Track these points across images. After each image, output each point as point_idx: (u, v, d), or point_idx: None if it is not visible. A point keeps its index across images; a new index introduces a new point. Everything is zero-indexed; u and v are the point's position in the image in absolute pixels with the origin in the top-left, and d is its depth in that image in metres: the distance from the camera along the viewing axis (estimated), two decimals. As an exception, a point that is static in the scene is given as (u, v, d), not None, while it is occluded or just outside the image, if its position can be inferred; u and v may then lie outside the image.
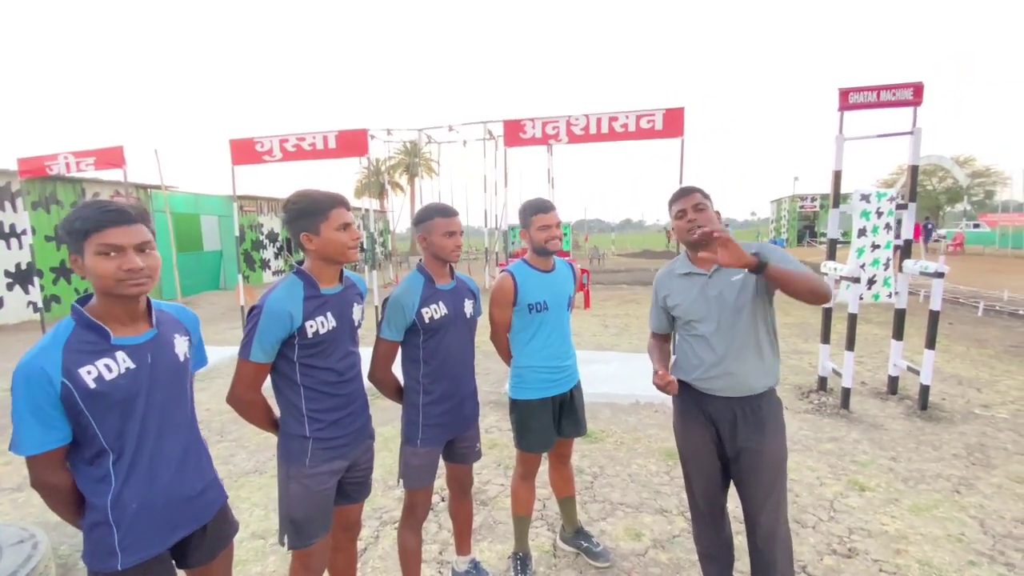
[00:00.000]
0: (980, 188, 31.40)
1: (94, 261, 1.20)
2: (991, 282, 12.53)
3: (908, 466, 3.40)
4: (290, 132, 5.11)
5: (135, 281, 1.23)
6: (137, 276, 1.23)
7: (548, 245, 2.19)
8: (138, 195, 13.04)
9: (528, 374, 2.25)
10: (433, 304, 1.94)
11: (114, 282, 1.21)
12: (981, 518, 2.80)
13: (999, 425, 4.06)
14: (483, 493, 3.15)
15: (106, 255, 1.20)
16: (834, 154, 4.58)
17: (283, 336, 1.56)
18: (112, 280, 1.21)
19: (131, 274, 1.22)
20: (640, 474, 3.37)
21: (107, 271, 1.20)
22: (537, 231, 2.19)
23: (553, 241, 2.19)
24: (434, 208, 1.98)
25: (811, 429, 4.03)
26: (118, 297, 1.25)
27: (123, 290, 1.23)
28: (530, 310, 2.20)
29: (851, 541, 2.61)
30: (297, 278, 1.63)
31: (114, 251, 1.21)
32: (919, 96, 4.36)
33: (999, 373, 5.50)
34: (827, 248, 4.79)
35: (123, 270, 1.21)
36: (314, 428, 1.63)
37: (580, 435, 2.41)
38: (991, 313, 9.09)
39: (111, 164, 5.50)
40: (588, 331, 8.21)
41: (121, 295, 1.24)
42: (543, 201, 2.24)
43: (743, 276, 1.84)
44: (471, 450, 2.17)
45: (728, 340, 1.85)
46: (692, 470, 2.02)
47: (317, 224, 1.59)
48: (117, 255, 1.21)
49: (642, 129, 4.39)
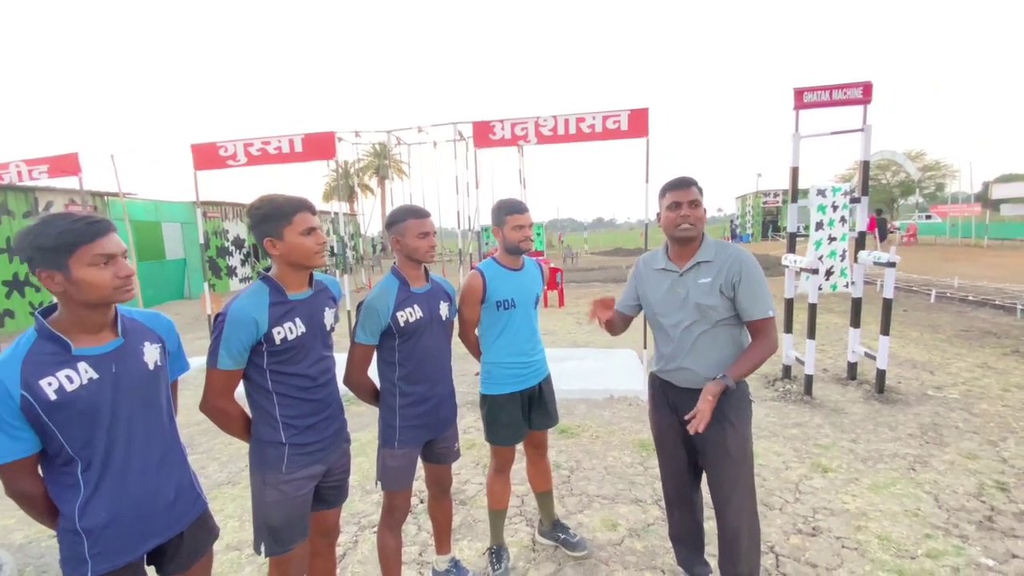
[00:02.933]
0: (931, 181, 32.90)
1: (88, 273, 1.22)
2: (943, 270, 13.19)
3: (867, 447, 3.57)
4: (255, 136, 5.02)
5: (129, 287, 1.29)
6: (130, 282, 1.29)
7: (521, 245, 2.25)
8: (94, 203, 12.54)
9: (496, 370, 2.30)
10: (408, 307, 1.95)
11: (112, 290, 1.25)
12: (935, 493, 2.96)
13: (951, 405, 4.30)
14: (462, 493, 3.17)
15: (101, 265, 1.23)
16: (791, 151, 4.77)
17: (250, 343, 1.55)
18: (110, 289, 1.25)
19: (126, 281, 1.28)
20: (615, 466, 3.44)
21: (104, 280, 1.24)
22: (511, 230, 2.24)
23: (526, 241, 2.25)
24: (407, 210, 2.00)
25: (777, 416, 4.19)
26: (100, 306, 1.27)
27: (120, 297, 1.28)
28: (498, 307, 2.25)
29: (815, 520, 2.73)
30: (263, 284, 1.63)
31: (108, 260, 1.24)
32: (868, 95, 4.57)
33: (951, 356, 5.80)
34: (787, 242, 4.97)
35: (120, 277, 1.26)
36: (290, 434, 1.63)
37: (551, 426, 2.48)
38: (943, 300, 9.57)
39: (65, 172, 5.30)
40: (563, 329, 8.30)
41: (115, 302, 1.28)
42: (518, 202, 2.30)
43: (711, 280, 1.88)
44: (449, 450, 2.19)
45: (687, 337, 1.91)
46: (661, 455, 2.13)
47: (281, 229, 1.58)
48: (111, 264, 1.25)
49: (608, 130, 4.47)
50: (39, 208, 11.40)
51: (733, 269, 1.86)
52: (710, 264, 1.90)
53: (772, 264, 16.01)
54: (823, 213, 4.75)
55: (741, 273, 1.85)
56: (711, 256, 1.91)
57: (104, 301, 1.26)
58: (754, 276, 1.86)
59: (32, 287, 11.10)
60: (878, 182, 33.82)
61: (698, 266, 1.91)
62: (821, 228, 4.78)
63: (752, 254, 1.96)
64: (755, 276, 1.86)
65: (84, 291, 1.22)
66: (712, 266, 1.89)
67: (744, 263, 1.87)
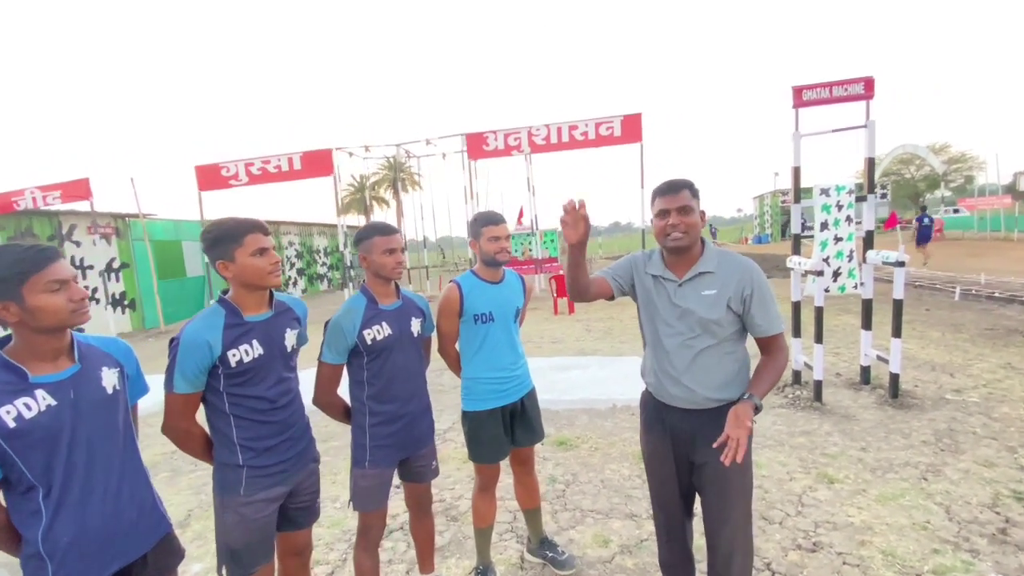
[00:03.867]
0: (958, 174, 31.90)
1: (43, 299, 1.24)
2: (969, 266, 12.71)
3: (877, 456, 3.42)
4: (255, 156, 5.11)
5: (84, 309, 1.32)
6: (85, 305, 1.32)
7: (497, 256, 2.23)
8: (116, 224, 12.94)
9: (475, 385, 2.27)
10: (376, 325, 1.93)
11: (68, 314, 1.28)
12: (947, 504, 2.82)
13: (969, 409, 4.11)
14: (453, 508, 3.14)
15: (55, 291, 1.26)
16: (792, 151, 4.66)
17: (205, 366, 1.56)
18: (66, 312, 1.28)
19: (81, 304, 1.30)
20: (613, 479, 3.37)
21: (59, 305, 1.26)
22: (487, 242, 2.22)
23: (502, 253, 2.23)
24: (373, 227, 1.99)
25: (784, 423, 4.05)
26: (56, 332, 1.29)
27: (77, 320, 1.30)
28: (476, 320, 2.22)
29: (816, 535, 2.62)
30: (219, 307, 1.64)
31: (61, 285, 1.26)
32: (871, 90, 4.45)
33: (972, 357, 5.56)
34: (791, 243, 4.85)
35: (74, 300, 1.28)
36: (248, 456, 1.63)
37: (536, 442, 2.42)
38: (968, 297, 9.22)
39: (77, 196, 5.48)
40: (571, 336, 8.22)
41: (72, 325, 1.31)
42: (493, 213, 2.30)
43: (715, 293, 1.72)
44: (427, 468, 2.16)
45: (685, 353, 1.74)
46: (652, 481, 1.95)
47: (231, 251, 1.59)
48: (64, 289, 1.28)
49: (602, 136, 4.44)
50: (63, 231, 11.81)
51: (743, 282, 1.72)
52: (713, 276, 1.74)
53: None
54: (827, 213, 4.61)
55: (752, 288, 1.71)
56: (713, 267, 1.75)
57: (61, 325, 1.28)
58: (766, 290, 1.74)
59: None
60: (901, 177, 32.92)
61: (700, 276, 1.75)
62: (826, 228, 4.64)
63: (757, 265, 1.80)
64: (766, 290, 1.74)
65: (40, 318, 1.24)
66: (716, 278, 1.74)
67: (754, 276, 1.73)
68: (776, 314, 1.75)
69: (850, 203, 4.56)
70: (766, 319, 1.72)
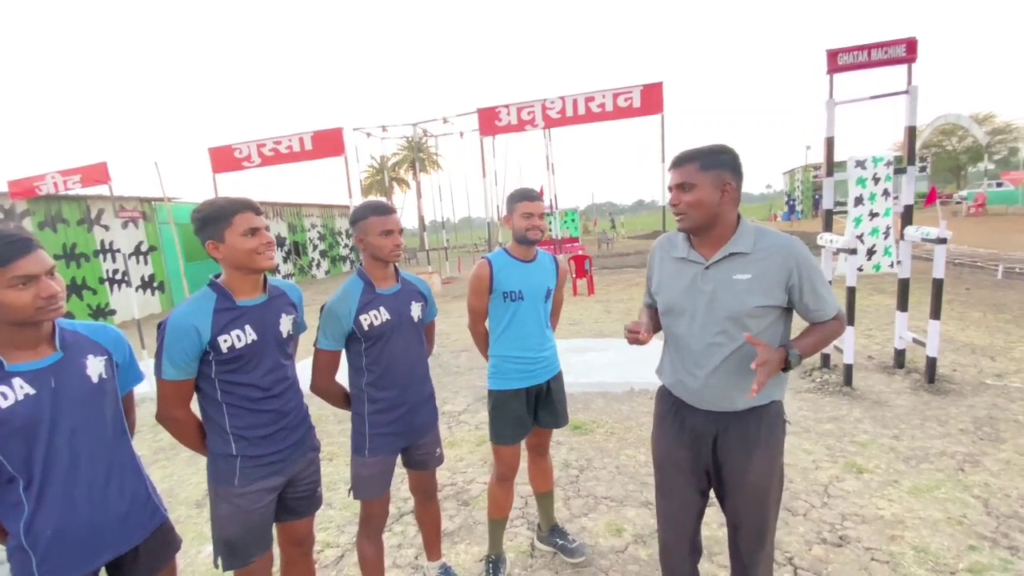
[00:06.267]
0: (1002, 145, 30.19)
1: (6, 295, 1.19)
2: (1014, 242, 12.02)
3: (911, 444, 3.24)
4: (267, 136, 5.06)
5: (54, 306, 1.25)
6: (56, 301, 1.25)
7: (528, 234, 2.14)
8: (142, 208, 13.20)
9: (502, 364, 2.21)
10: (372, 310, 1.85)
11: (33, 311, 1.22)
12: (986, 498, 2.64)
13: (1012, 395, 3.86)
14: (465, 492, 3.09)
15: (20, 287, 1.20)
16: (826, 120, 4.37)
17: (195, 352, 1.50)
18: (31, 310, 1.22)
19: (50, 300, 1.24)
20: (628, 465, 3.27)
21: (24, 302, 1.21)
22: (520, 218, 2.15)
23: (533, 230, 2.14)
24: (369, 206, 1.89)
25: (811, 409, 3.88)
26: (30, 324, 1.24)
27: (43, 316, 1.24)
28: (505, 298, 2.16)
29: (843, 528, 2.49)
30: (210, 290, 1.57)
31: (28, 281, 1.21)
32: (913, 52, 4.12)
33: (1016, 339, 5.25)
34: (823, 219, 4.58)
35: (42, 298, 1.23)
36: (241, 446, 1.57)
37: (559, 426, 2.36)
38: (1012, 276, 8.73)
39: (96, 181, 5.52)
40: (590, 318, 8.09)
41: (39, 321, 1.25)
42: (529, 190, 2.21)
43: (750, 278, 1.49)
44: (431, 456, 2.09)
45: (709, 349, 1.53)
46: (662, 491, 1.73)
47: (221, 231, 1.52)
48: (31, 284, 1.21)
49: (620, 108, 4.22)
50: (91, 215, 12.10)
51: (787, 267, 1.48)
52: (746, 257, 1.50)
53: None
54: (863, 187, 4.33)
55: (800, 272, 1.48)
56: (748, 247, 1.50)
57: (27, 321, 1.23)
58: (815, 271, 1.51)
59: None
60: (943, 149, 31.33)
61: (731, 258, 1.51)
62: (861, 203, 4.36)
63: (802, 242, 1.56)
64: (816, 271, 1.51)
65: (4, 312, 1.20)
66: (751, 260, 1.50)
67: (800, 258, 1.49)
68: (830, 296, 1.53)
69: (888, 175, 4.27)
70: (820, 304, 1.51)
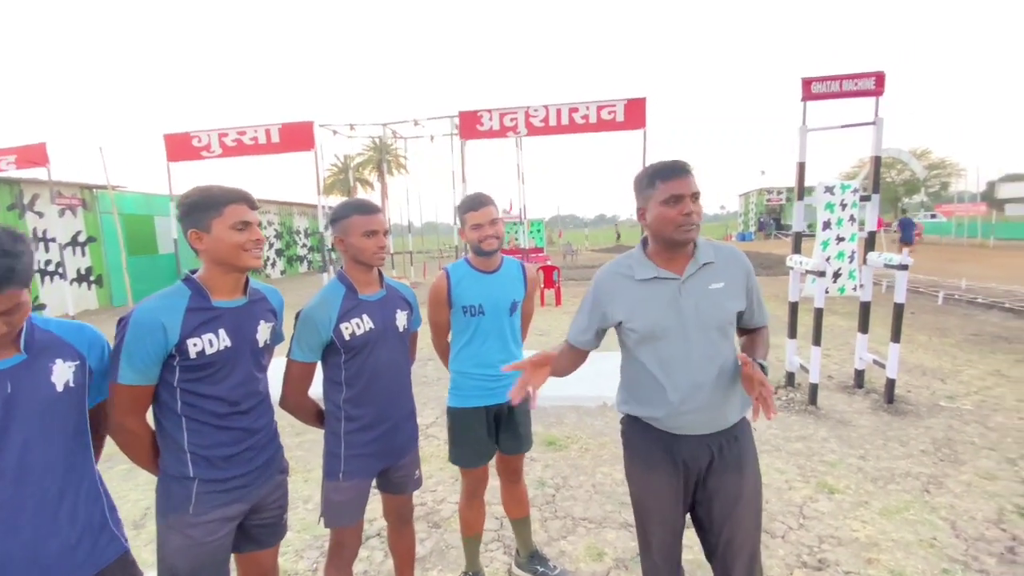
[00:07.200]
0: (936, 180, 32.52)
1: None
2: (949, 271, 12.88)
3: (877, 464, 3.31)
4: (230, 126, 4.76)
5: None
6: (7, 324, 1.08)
7: (483, 245, 1.99)
8: (82, 195, 12.29)
9: (462, 380, 2.08)
10: (355, 318, 1.69)
11: None
12: (952, 519, 2.70)
13: (964, 418, 4.03)
14: (436, 514, 2.92)
15: None
16: (798, 145, 4.49)
17: (159, 354, 1.31)
18: None
19: None
20: (604, 484, 3.19)
21: None
22: (470, 230, 1.99)
23: (488, 240, 1.98)
24: (352, 205, 1.74)
25: (780, 428, 3.93)
26: None
27: None
28: (465, 312, 2.02)
29: (821, 551, 2.48)
30: (184, 286, 1.38)
31: None
32: (881, 86, 4.30)
33: (961, 363, 5.53)
34: (792, 241, 4.70)
35: None
36: (200, 468, 1.38)
37: (522, 452, 2.21)
38: (950, 302, 9.29)
39: (33, 163, 5.05)
40: (558, 329, 8.02)
41: None
42: (476, 197, 2.03)
43: (723, 286, 1.52)
44: (409, 478, 1.93)
45: (703, 362, 1.49)
46: (653, 525, 1.62)
47: (209, 220, 1.35)
48: None
49: (603, 120, 4.19)
50: (24, 201, 11.15)
51: (744, 272, 1.57)
52: (714, 266, 1.53)
53: (775, 263, 15.72)
54: (831, 211, 4.47)
55: (751, 278, 1.59)
56: (712, 256, 1.54)
57: None
58: (755, 278, 1.63)
59: None
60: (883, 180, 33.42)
61: (703, 269, 1.52)
62: (828, 228, 4.50)
63: None
64: (760, 303, 1.64)
65: None
66: (718, 268, 1.54)
67: (748, 265, 1.61)
68: (764, 304, 1.66)
69: (854, 202, 4.43)
70: (761, 309, 1.63)
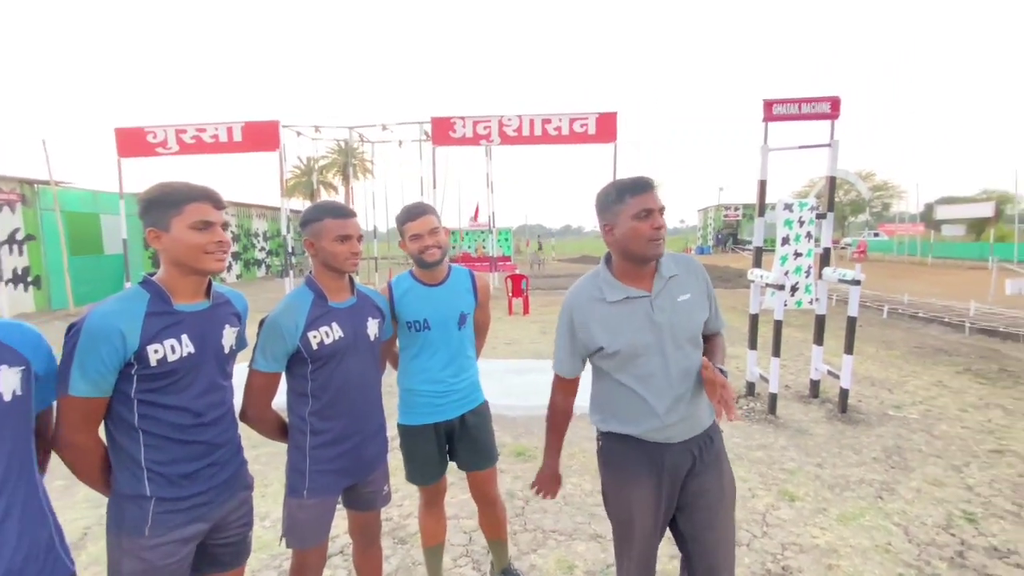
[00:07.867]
0: (879, 201, 34.56)
1: None
2: (892, 286, 13.65)
3: (833, 472, 3.43)
4: (189, 122, 4.57)
5: None
6: None
7: (424, 256, 1.89)
8: (22, 191, 11.52)
9: (408, 396, 2.02)
10: (324, 326, 1.61)
11: None
12: (905, 525, 2.82)
13: (911, 426, 4.24)
14: (402, 529, 2.83)
15: None
16: (760, 164, 4.67)
17: (116, 362, 1.21)
18: None
19: None
20: (574, 495, 3.18)
21: None
22: (410, 241, 1.90)
23: (429, 251, 1.89)
24: (324, 207, 1.67)
25: (741, 436, 4.03)
26: None
27: None
28: (409, 328, 1.95)
29: (784, 558, 2.53)
30: (142, 289, 1.29)
31: None
32: (836, 110, 4.52)
33: (907, 374, 5.84)
34: (753, 256, 4.86)
35: None
36: (157, 485, 1.28)
37: (487, 466, 2.13)
38: (894, 316, 9.82)
39: (-34, 153, 4.67)
40: (527, 338, 8.03)
41: None
42: (414, 206, 1.95)
43: (690, 297, 1.57)
44: (377, 494, 1.85)
45: (682, 374, 1.52)
46: (635, 536, 1.60)
47: (168, 218, 1.26)
48: None
49: (575, 133, 4.25)
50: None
51: (704, 280, 1.63)
52: (678, 278, 1.57)
53: (732, 276, 16.28)
54: (789, 228, 4.66)
55: (709, 286, 1.66)
56: (674, 269, 1.58)
57: None
58: (717, 312, 1.70)
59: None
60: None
61: (669, 283, 1.55)
62: (787, 243, 4.68)
63: None
64: (718, 311, 1.71)
65: None
66: (682, 280, 1.58)
67: (705, 272, 1.67)
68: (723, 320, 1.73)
69: (811, 220, 4.62)
70: (718, 315, 1.68)
